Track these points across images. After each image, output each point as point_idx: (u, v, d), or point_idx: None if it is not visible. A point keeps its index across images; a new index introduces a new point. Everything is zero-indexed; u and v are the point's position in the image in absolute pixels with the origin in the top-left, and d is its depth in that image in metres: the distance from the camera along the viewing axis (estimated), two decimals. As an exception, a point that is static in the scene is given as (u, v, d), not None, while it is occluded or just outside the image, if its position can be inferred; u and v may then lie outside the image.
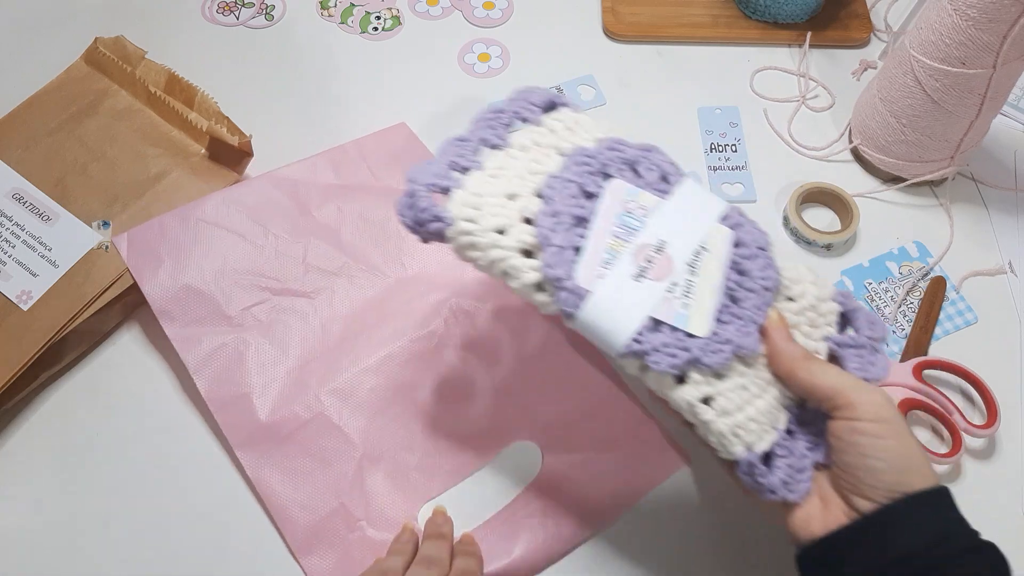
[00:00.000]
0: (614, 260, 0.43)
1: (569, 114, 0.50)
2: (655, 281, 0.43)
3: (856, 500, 0.40)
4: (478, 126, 0.48)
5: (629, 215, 0.45)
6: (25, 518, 0.54)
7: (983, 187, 0.70)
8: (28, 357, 0.55)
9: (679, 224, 0.45)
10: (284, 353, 0.57)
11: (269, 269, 0.60)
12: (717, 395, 0.42)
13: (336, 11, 0.79)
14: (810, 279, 0.47)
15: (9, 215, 0.60)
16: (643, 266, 0.43)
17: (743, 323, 0.43)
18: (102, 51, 0.67)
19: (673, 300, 0.43)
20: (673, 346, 0.42)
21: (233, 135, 0.63)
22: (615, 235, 0.44)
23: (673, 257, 0.44)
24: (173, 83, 0.66)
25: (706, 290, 0.43)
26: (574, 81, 0.75)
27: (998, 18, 0.56)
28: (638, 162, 0.47)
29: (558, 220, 0.43)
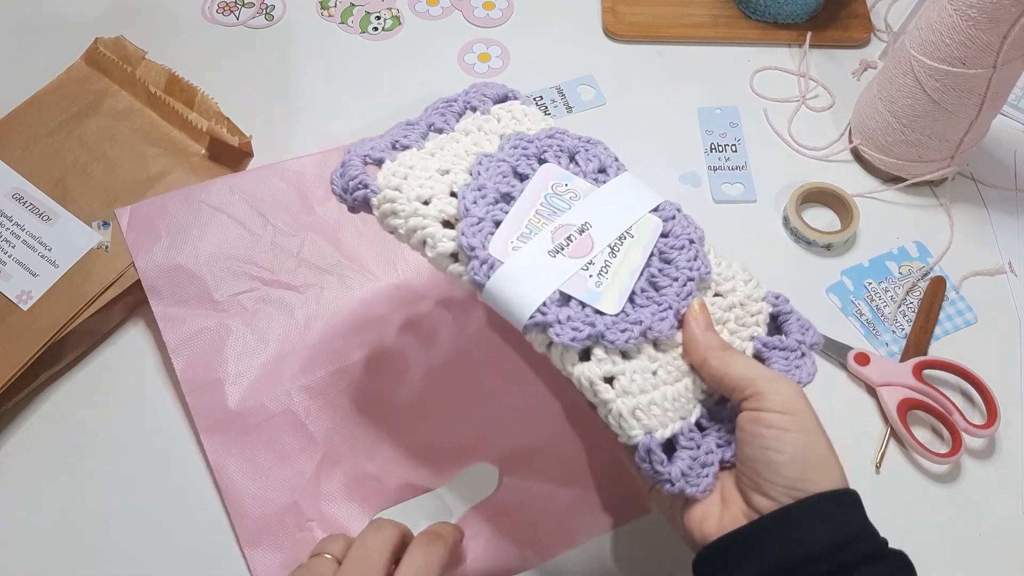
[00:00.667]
0: (532, 236, 0.43)
1: (519, 106, 0.50)
2: (571, 259, 0.43)
3: (756, 498, 0.38)
4: (428, 112, 0.49)
5: (557, 197, 0.45)
6: (25, 518, 0.54)
7: (983, 187, 0.70)
8: (28, 357, 0.55)
9: (607, 211, 0.45)
10: (263, 344, 0.57)
11: (262, 259, 0.60)
12: (620, 374, 0.41)
13: (336, 11, 0.79)
14: (743, 278, 0.47)
15: (9, 215, 0.60)
16: (561, 244, 0.43)
17: (659, 308, 0.43)
18: (102, 51, 0.67)
19: (587, 278, 0.42)
20: (579, 320, 0.41)
21: (233, 135, 0.63)
22: (538, 213, 0.44)
23: (595, 239, 0.44)
24: (173, 83, 0.66)
25: (624, 272, 0.43)
26: (574, 81, 0.75)
27: (998, 18, 0.56)
28: (577, 151, 0.47)
29: (482, 194, 0.44)
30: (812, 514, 0.37)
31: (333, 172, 0.46)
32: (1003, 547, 0.55)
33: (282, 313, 0.58)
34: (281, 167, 0.64)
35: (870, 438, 0.58)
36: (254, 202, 0.62)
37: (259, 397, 0.55)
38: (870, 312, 0.63)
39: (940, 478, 0.57)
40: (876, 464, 0.57)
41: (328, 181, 0.63)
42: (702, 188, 0.69)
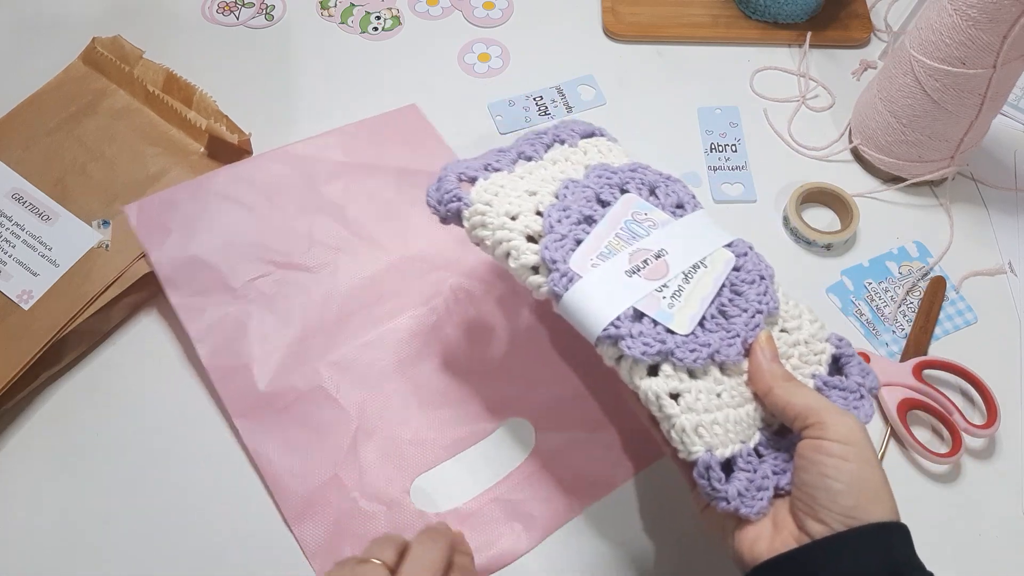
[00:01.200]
0: (610, 256, 0.45)
1: (604, 142, 0.54)
2: (646, 280, 0.45)
3: (809, 523, 0.39)
4: (519, 142, 0.53)
5: (636, 223, 0.47)
6: (25, 518, 0.54)
7: (983, 187, 0.70)
8: (30, 356, 0.55)
9: (683, 241, 0.47)
10: (285, 325, 0.58)
11: (275, 243, 0.61)
12: (686, 392, 0.42)
13: (336, 11, 0.79)
14: (809, 317, 0.48)
15: (9, 215, 0.60)
16: (638, 266, 0.45)
17: (728, 335, 0.45)
18: (100, 51, 0.67)
19: (660, 299, 0.44)
20: (650, 336, 0.43)
21: (232, 133, 0.63)
22: (617, 236, 0.47)
23: (670, 264, 0.46)
24: (171, 82, 0.66)
25: (696, 297, 0.45)
26: (574, 81, 0.75)
27: (998, 18, 0.56)
28: (657, 185, 0.50)
29: (566, 214, 0.47)
30: (864, 542, 0.38)
31: (429, 186, 0.49)
32: (1003, 547, 0.55)
33: (300, 293, 0.59)
34: (282, 151, 0.65)
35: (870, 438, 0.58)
36: (260, 187, 0.62)
37: (288, 377, 0.56)
38: (870, 312, 0.63)
39: (940, 478, 0.57)
40: (876, 464, 0.57)
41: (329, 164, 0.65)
42: (702, 188, 0.69)
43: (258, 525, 0.54)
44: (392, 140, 0.68)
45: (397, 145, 0.67)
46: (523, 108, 0.73)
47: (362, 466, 0.54)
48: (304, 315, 0.59)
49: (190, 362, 0.59)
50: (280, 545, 0.53)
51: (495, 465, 0.55)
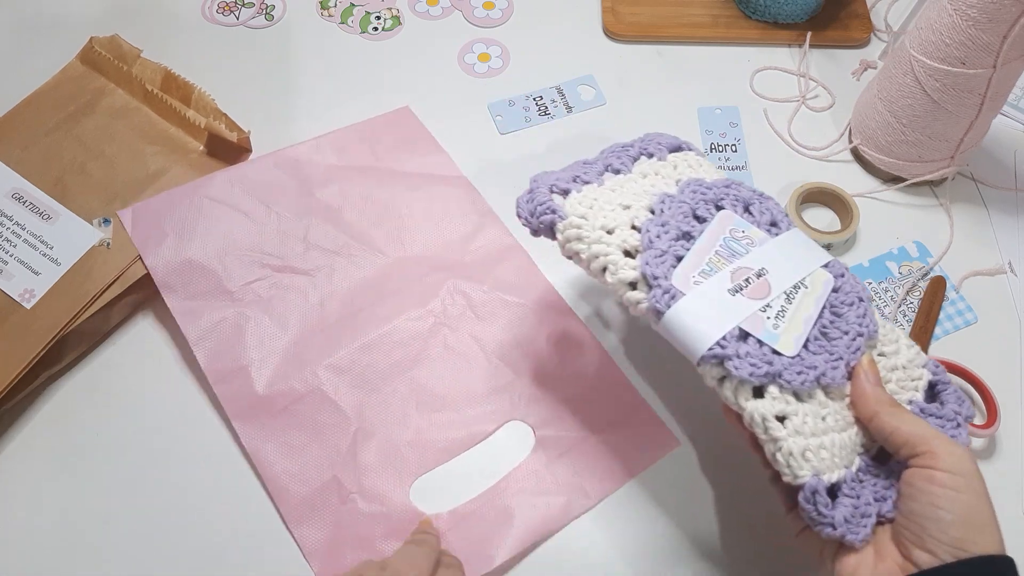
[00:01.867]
0: (712, 273, 0.45)
1: (694, 156, 0.53)
2: (750, 299, 0.44)
3: (916, 553, 0.39)
4: (605, 154, 0.52)
5: (735, 241, 0.47)
6: (25, 518, 0.54)
7: (983, 187, 0.70)
8: (33, 355, 0.55)
9: (782, 260, 0.46)
10: (283, 328, 0.58)
11: (270, 247, 0.61)
12: (792, 415, 0.42)
13: (336, 11, 0.79)
14: (905, 342, 0.48)
15: (9, 215, 0.60)
16: (740, 284, 0.45)
17: (832, 357, 0.44)
18: (98, 50, 0.67)
19: (765, 319, 0.43)
20: (757, 357, 0.42)
21: (232, 131, 0.63)
22: (717, 253, 0.46)
23: (771, 284, 0.45)
24: (169, 81, 0.66)
25: (799, 318, 0.44)
26: (574, 81, 0.75)
27: (998, 18, 0.56)
28: (752, 203, 0.49)
29: (665, 229, 0.46)
30: (972, 574, 0.38)
31: (520, 198, 0.49)
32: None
33: (297, 297, 0.59)
34: (276, 155, 0.65)
35: (870, 438, 0.58)
36: (255, 192, 0.63)
37: (286, 380, 0.56)
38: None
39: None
40: (876, 464, 0.57)
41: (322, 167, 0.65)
42: (702, 188, 0.69)
43: (258, 525, 0.54)
44: (385, 142, 0.68)
45: (391, 147, 0.68)
46: (523, 108, 0.73)
47: (361, 468, 0.54)
48: (302, 318, 0.59)
49: (190, 362, 0.59)
50: (280, 545, 0.53)
51: (494, 467, 0.55)
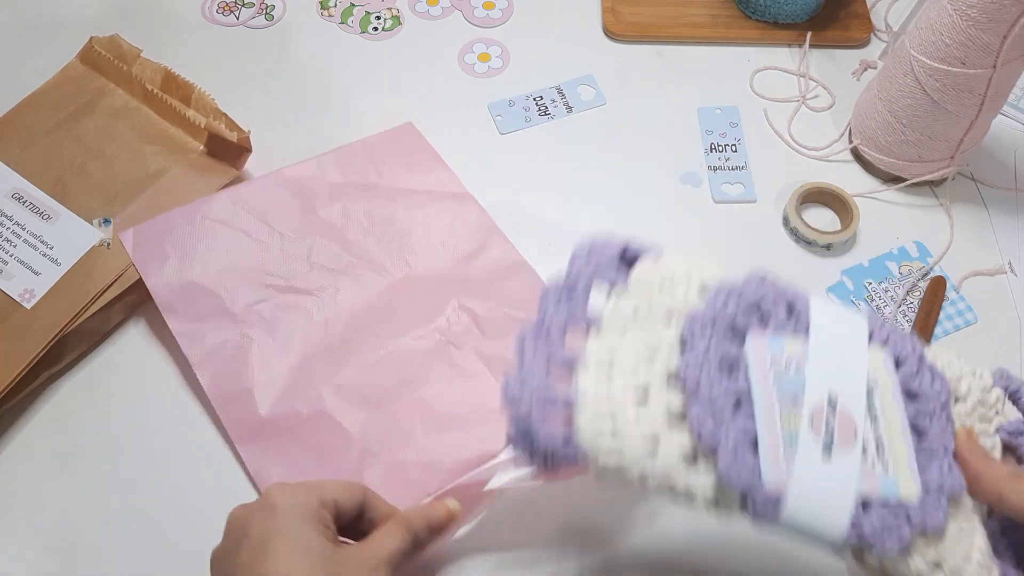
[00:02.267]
0: (795, 440, 0.37)
1: (650, 268, 0.42)
2: (845, 450, 0.37)
3: None
4: (554, 308, 0.41)
5: (784, 376, 0.38)
6: (25, 518, 0.54)
7: (983, 187, 0.70)
8: (33, 354, 0.55)
9: (837, 364, 0.39)
10: (287, 350, 0.57)
11: (274, 267, 0.60)
12: (946, 555, 0.37)
13: (336, 11, 0.79)
14: (968, 370, 0.43)
15: (9, 215, 0.60)
16: (827, 438, 0.37)
17: (940, 460, 0.38)
18: (97, 50, 0.67)
19: (872, 468, 0.37)
20: (892, 521, 0.36)
21: (232, 131, 0.63)
22: (781, 407, 0.38)
23: (850, 411, 0.38)
24: (169, 81, 0.66)
25: (896, 438, 0.38)
26: (574, 81, 0.75)
27: (998, 18, 0.56)
28: (761, 300, 0.41)
29: (718, 413, 0.37)
30: None
31: (515, 434, 0.38)
32: (1003, 547, 0.55)
33: (301, 318, 0.59)
34: (279, 175, 0.64)
35: (870, 438, 0.58)
36: (257, 212, 0.62)
37: (290, 402, 0.55)
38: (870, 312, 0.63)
39: (940, 478, 0.57)
40: (876, 464, 0.57)
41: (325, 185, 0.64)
42: (702, 188, 0.69)
43: (258, 525, 0.54)
44: (389, 159, 0.67)
45: (394, 164, 0.67)
46: (523, 108, 0.73)
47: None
48: (306, 339, 0.58)
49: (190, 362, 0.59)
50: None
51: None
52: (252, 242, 0.61)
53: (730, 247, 0.66)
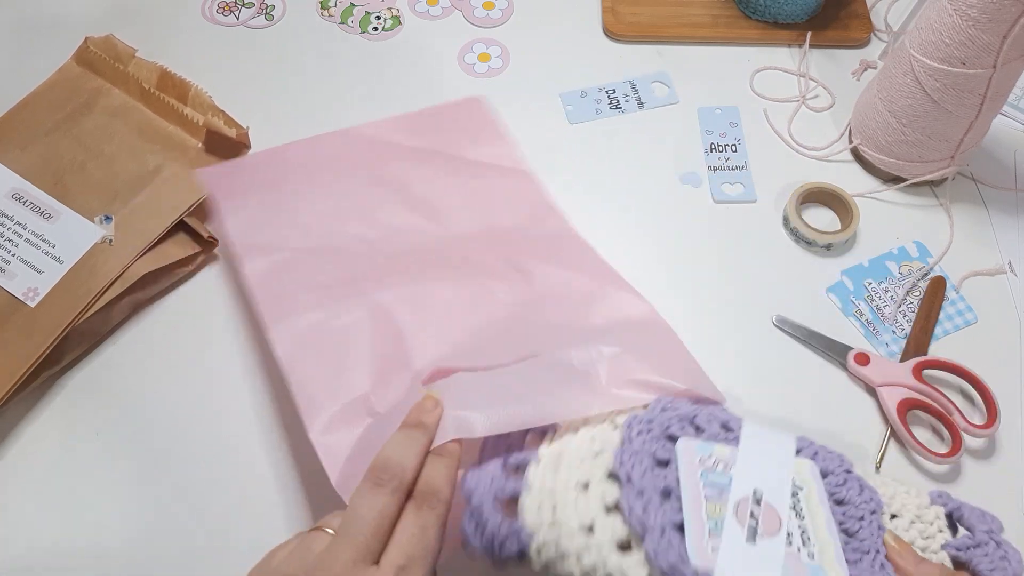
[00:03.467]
0: (720, 526, 0.39)
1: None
2: (771, 537, 0.39)
3: None
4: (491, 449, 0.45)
5: (712, 472, 0.41)
6: (26, 517, 0.54)
7: (983, 187, 0.70)
8: (39, 352, 0.55)
9: (763, 469, 0.42)
10: (342, 270, 0.57)
11: (342, 214, 0.61)
12: None
13: (336, 11, 0.79)
14: (903, 490, 0.45)
15: (10, 215, 0.60)
16: (751, 524, 0.40)
17: (871, 557, 0.40)
18: (93, 50, 0.67)
19: (797, 553, 0.39)
20: None
21: (230, 127, 0.63)
22: (707, 498, 0.40)
23: (775, 505, 0.40)
24: (166, 79, 0.67)
25: (823, 533, 0.40)
26: (646, 77, 0.75)
27: (998, 18, 0.56)
28: (695, 415, 0.44)
29: (647, 499, 0.40)
30: None
31: (466, 526, 0.41)
32: (1003, 547, 0.55)
33: (361, 258, 0.58)
34: (346, 132, 0.65)
35: (870, 438, 0.58)
36: (327, 163, 0.63)
37: (333, 305, 0.54)
38: (870, 312, 0.63)
39: (940, 478, 0.57)
40: (876, 464, 0.57)
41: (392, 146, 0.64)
42: (702, 188, 0.69)
43: (259, 524, 0.54)
44: (453, 128, 0.68)
45: (458, 134, 0.67)
46: (595, 100, 0.73)
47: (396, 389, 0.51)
48: (364, 267, 0.58)
49: (190, 362, 0.60)
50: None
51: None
52: (321, 190, 0.61)
53: (730, 247, 0.66)
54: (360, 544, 0.37)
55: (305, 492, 0.55)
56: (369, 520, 0.38)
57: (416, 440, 0.41)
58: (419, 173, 0.64)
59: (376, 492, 0.39)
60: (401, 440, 0.42)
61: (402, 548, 0.38)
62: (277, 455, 0.56)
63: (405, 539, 0.38)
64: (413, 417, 0.43)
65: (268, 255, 0.57)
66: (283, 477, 0.55)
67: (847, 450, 0.44)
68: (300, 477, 0.56)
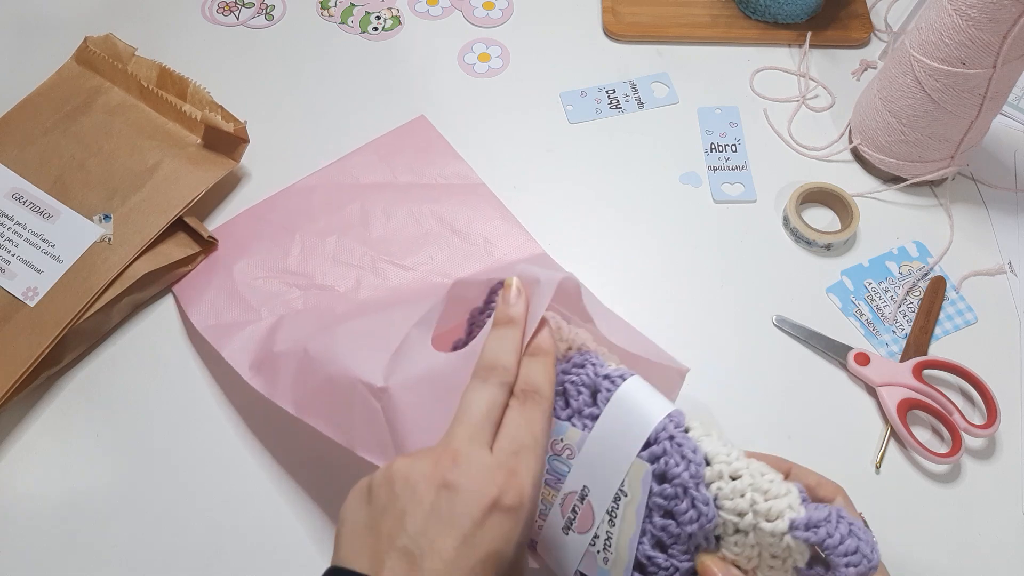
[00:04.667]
0: (548, 511, 0.42)
1: None
2: (579, 535, 0.41)
3: None
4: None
5: (557, 458, 0.42)
6: (26, 517, 0.54)
7: (983, 187, 0.70)
8: (39, 351, 0.55)
9: (601, 466, 0.41)
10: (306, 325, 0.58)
11: (297, 268, 0.62)
12: None
13: (336, 11, 0.79)
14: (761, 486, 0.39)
15: (10, 215, 0.60)
16: (570, 518, 0.42)
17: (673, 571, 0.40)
18: (92, 50, 0.67)
19: (596, 555, 0.41)
20: None
21: (228, 122, 0.63)
22: (547, 483, 0.42)
23: (594, 506, 0.41)
24: (165, 76, 0.67)
25: (623, 543, 0.40)
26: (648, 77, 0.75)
27: (998, 18, 0.56)
28: (563, 384, 0.43)
29: None
30: None
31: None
32: (1003, 547, 0.55)
33: (323, 308, 0.60)
34: (290, 189, 0.66)
35: (870, 438, 0.58)
36: (277, 223, 0.64)
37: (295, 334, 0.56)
38: (870, 312, 0.63)
39: (940, 478, 0.57)
40: (876, 464, 0.57)
41: (343, 188, 0.65)
42: (702, 188, 0.69)
43: (259, 524, 0.54)
44: (404, 155, 0.68)
45: (409, 160, 0.68)
46: (595, 100, 0.73)
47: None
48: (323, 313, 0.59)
49: (190, 362, 0.60)
50: (282, 543, 0.53)
51: None
52: (276, 249, 0.62)
53: (730, 247, 0.66)
54: (475, 425, 0.39)
55: (306, 490, 0.55)
56: (480, 406, 0.40)
57: (508, 337, 0.42)
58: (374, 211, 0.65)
59: (483, 387, 0.40)
60: (496, 338, 0.42)
61: (511, 437, 0.39)
62: (277, 454, 0.56)
63: (513, 429, 0.40)
64: (501, 313, 0.43)
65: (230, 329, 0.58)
66: (283, 476, 0.55)
67: (847, 451, 0.43)
68: (300, 475, 0.56)
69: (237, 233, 0.64)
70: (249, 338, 0.57)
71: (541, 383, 0.41)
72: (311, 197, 0.65)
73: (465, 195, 0.66)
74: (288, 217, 0.64)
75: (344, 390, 0.47)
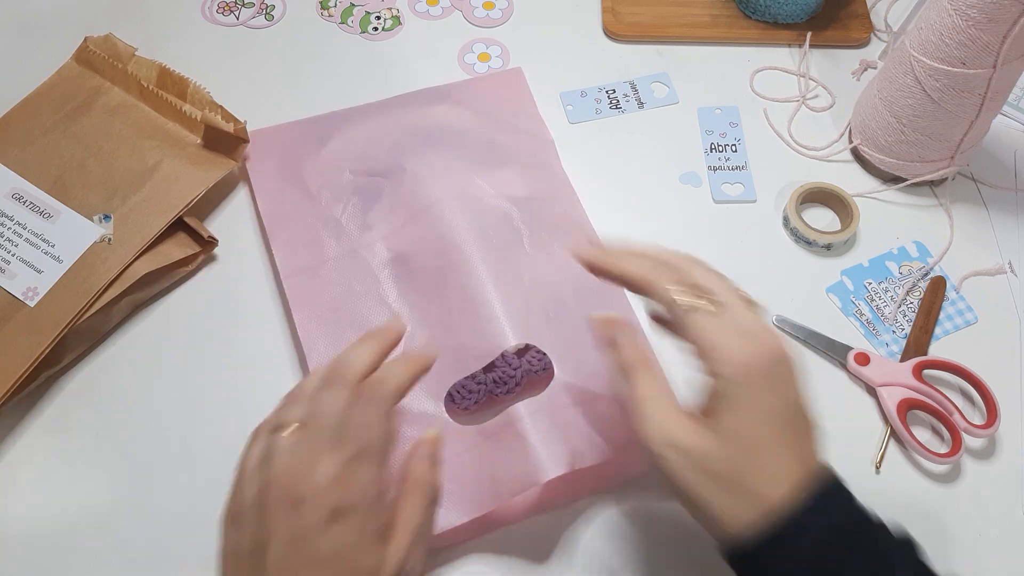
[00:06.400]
0: None
1: None
2: None
3: None
4: None
5: None
6: (26, 517, 0.54)
7: (983, 187, 0.70)
8: (39, 351, 0.55)
9: None
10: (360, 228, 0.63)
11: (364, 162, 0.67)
12: None
13: (336, 11, 0.79)
14: None
15: (10, 215, 0.60)
16: None
17: None
18: (92, 50, 0.67)
19: None
20: None
21: (228, 122, 0.63)
22: None
23: None
24: (165, 76, 0.67)
25: None
26: (648, 77, 0.75)
27: (998, 18, 0.56)
28: None
29: None
30: None
31: None
32: (1003, 547, 0.55)
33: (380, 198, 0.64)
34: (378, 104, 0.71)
35: (870, 438, 0.58)
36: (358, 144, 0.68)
37: (347, 281, 0.60)
38: (870, 312, 0.63)
39: (940, 478, 0.57)
40: (876, 464, 0.57)
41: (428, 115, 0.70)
42: (702, 188, 0.69)
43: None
44: (486, 98, 0.71)
45: (491, 102, 0.71)
46: (595, 100, 0.73)
47: None
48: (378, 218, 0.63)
49: (190, 362, 0.60)
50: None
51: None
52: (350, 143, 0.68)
53: (730, 247, 0.66)
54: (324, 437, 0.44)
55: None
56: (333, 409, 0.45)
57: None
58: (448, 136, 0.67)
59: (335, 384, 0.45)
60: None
61: None
62: (277, 455, 0.56)
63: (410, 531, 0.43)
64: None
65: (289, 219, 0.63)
66: (283, 477, 0.55)
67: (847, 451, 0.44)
68: (300, 477, 0.56)
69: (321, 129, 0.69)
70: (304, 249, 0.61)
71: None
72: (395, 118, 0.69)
73: (532, 144, 0.69)
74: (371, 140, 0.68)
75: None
